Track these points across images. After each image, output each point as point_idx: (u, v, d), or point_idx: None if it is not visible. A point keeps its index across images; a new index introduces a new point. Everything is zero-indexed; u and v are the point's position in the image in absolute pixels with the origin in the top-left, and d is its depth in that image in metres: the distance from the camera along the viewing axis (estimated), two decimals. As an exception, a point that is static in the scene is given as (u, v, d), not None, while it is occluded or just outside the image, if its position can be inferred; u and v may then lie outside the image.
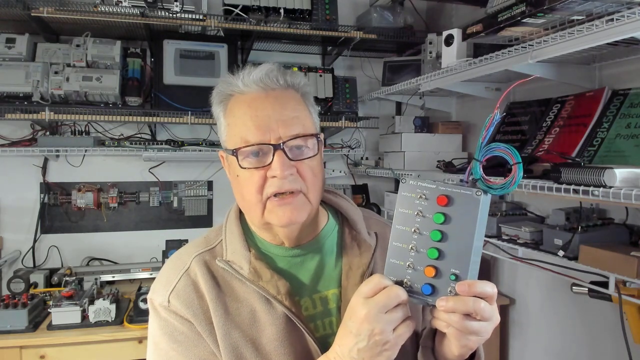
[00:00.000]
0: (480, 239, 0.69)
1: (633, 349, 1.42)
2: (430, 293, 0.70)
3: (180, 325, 0.82)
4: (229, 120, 0.84)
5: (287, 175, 0.79)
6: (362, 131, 2.81)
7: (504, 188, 0.67)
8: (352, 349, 0.69)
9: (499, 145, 0.67)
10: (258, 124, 0.80)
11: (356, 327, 0.68)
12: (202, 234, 0.94)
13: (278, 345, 0.80)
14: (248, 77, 0.83)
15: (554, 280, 1.90)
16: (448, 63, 1.89)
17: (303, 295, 0.87)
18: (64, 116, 2.19)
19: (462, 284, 0.67)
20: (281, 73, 0.85)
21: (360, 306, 0.69)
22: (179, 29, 2.39)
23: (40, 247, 2.46)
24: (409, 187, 0.73)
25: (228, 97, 0.85)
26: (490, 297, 0.68)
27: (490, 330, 0.70)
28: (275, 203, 0.80)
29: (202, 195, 2.67)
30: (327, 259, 0.91)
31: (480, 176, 0.69)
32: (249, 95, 0.83)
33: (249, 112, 0.81)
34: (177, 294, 0.83)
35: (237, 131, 0.82)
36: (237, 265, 0.84)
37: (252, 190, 0.81)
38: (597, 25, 1.20)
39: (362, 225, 0.94)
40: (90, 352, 1.89)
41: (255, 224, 0.88)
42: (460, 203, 0.69)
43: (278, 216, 0.81)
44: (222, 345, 0.80)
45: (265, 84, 0.83)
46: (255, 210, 0.82)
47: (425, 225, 0.71)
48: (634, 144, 1.43)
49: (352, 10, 2.78)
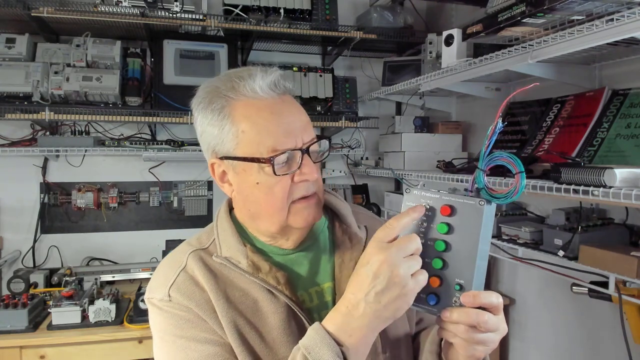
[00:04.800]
0: (485, 248, 0.69)
1: (633, 349, 1.42)
2: (435, 303, 0.70)
3: (185, 314, 0.81)
4: (244, 127, 0.80)
5: (317, 178, 0.83)
6: (362, 131, 2.81)
7: (507, 197, 0.67)
8: (370, 293, 0.67)
9: (502, 154, 0.68)
10: (286, 130, 0.80)
11: (374, 270, 0.67)
12: (194, 235, 0.94)
13: (281, 333, 0.81)
14: (262, 82, 0.81)
15: (554, 280, 1.90)
16: (448, 63, 1.89)
17: (300, 289, 0.88)
18: (64, 116, 2.19)
19: (467, 295, 0.67)
20: (283, 78, 0.85)
21: (378, 250, 0.68)
22: (179, 29, 2.39)
23: (40, 247, 2.46)
24: (413, 197, 0.74)
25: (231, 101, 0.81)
26: (496, 308, 0.68)
27: (497, 340, 0.70)
28: (301, 206, 0.83)
29: (202, 195, 2.67)
30: (320, 254, 0.92)
31: (484, 185, 0.69)
32: (267, 101, 0.81)
33: (273, 118, 0.80)
34: (177, 287, 0.83)
35: (260, 138, 0.79)
36: (235, 260, 0.85)
37: (280, 196, 0.81)
38: (597, 25, 1.20)
39: (351, 219, 0.96)
40: (90, 352, 1.89)
41: (269, 231, 0.87)
42: (463, 213, 0.69)
43: (303, 217, 0.83)
44: (228, 332, 0.80)
45: (278, 89, 0.83)
46: (279, 216, 0.83)
47: (429, 235, 0.71)
48: (634, 144, 1.43)
49: (352, 10, 2.78)
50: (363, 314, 0.68)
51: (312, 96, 2.47)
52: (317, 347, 0.69)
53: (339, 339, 0.69)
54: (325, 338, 0.69)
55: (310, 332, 0.72)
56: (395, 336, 0.90)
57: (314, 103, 2.49)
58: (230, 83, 0.82)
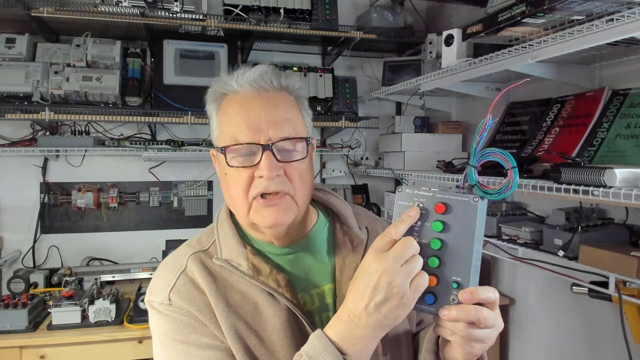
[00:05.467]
0: (479, 244, 0.69)
1: (633, 349, 1.42)
2: (433, 302, 0.70)
3: (185, 318, 0.81)
4: (221, 119, 0.85)
5: (273, 176, 0.80)
6: (362, 131, 2.81)
7: (500, 193, 0.67)
8: (369, 304, 0.67)
9: (494, 150, 0.67)
10: (249, 123, 0.80)
11: (374, 281, 0.67)
12: (194, 236, 0.94)
13: (281, 337, 0.81)
14: (242, 77, 0.84)
15: (554, 280, 1.90)
16: (448, 63, 1.89)
17: (301, 291, 0.87)
18: (64, 116, 2.19)
19: (464, 291, 0.67)
20: (275, 75, 0.85)
21: (376, 260, 0.68)
22: (179, 29, 2.39)
23: (40, 247, 2.46)
24: (405, 195, 0.73)
25: (222, 96, 0.86)
26: (493, 303, 0.69)
27: (494, 337, 0.70)
28: (261, 204, 0.81)
29: (202, 195, 2.67)
30: (320, 255, 0.91)
31: (476, 182, 0.68)
32: (242, 95, 0.84)
33: (240, 111, 0.82)
34: (177, 291, 0.82)
35: (228, 130, 0.83)
36: (235, 262, 0.85)
37: (238, 190, 0.81)
38: (597, 25, 1.20)
39: (352, 220, 0.95)
40: (90, 352, 1.89)
41: (242, 223, 0.89)
42: (458, 210, 0.69)
43: (263, 217, 0.81)
44: (228, 336, 0.80)
45: (259, 85, 0.84)
46: (241, 210, 0.83)
47: (424, 234, 0.70)
48: (634, 144, 1.43)
49: (352, 10, 2.78)
50: (365, 324, 0.68)
51: (312, 96, 2.48)
52: (320, 355, 0.69)
53: (342, 348, 0.69)
54: (329, 347, 0.69)
55: (312, 339, 0.72)
56: (395, 337, 0.90)
57: (314, 103, 2.49)
58: (224, 78, 0.86)
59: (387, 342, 0.87)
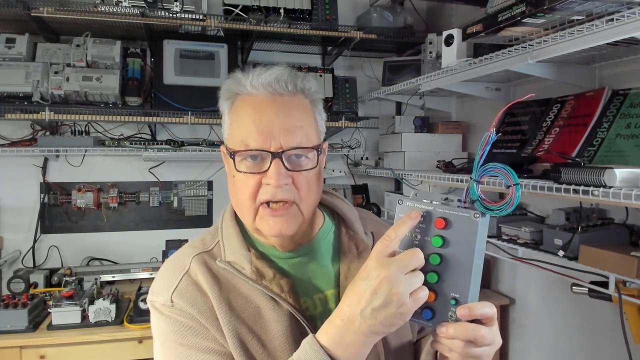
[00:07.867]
0: (480, 259, 0.68)
1: (633, 349, 1.42)
2: (431, 318, 0.69)
3: (187, 320, 0.81)
4: (233, 119, 0.83)
5: (281, 185, 0.78)
6: (362, 131, 2.81)
7: (502, 210, 0.66)
8: (366, 309, 0.66)
9: (496, 166, 0.66)
10: (261, 128, 0.79)
11: (373, 286, 0.65)
12: (198, 236, 0.93)
13: (283, 342, 0.80)
14: (257, 80, 0.81)
15: (554, 280, 1.90)
16: (448, 63, 1.89)
17: (304, 295, 0.86)
18: (64, 116, 2.19)
19: (462, 308, 0.67)
20: (291, 77, 0.83)
21: (378, 265, 0.67)
22: (179, 29, 2.39)
23: (40, 247, 2.46)
24: (406, 208, 0.72)
25: (235, 95, 0.84)
26: (490, 319, 0.68)
27: (492, 354, 0.70)
28: (267, 212, 0.80)
29: (202, 195, 2.67)
30: (325, 260, 0.90)
31: (478, 197, 0.67)
32: (256, 98, 0.81)
33: (252, 115, 0.80)
34: (180, 293, 0.82)
35: (238, 132, 0.81)
36: (239, 265, 0.84)
37: (245, 195, 0.80)
38: (597, 25, 1.20)
39: (358, 225, 0.94)
40: (90, 352, 1.89)
41: (247, 226, 0.88)
42: (458, 226, 0.68)
43: (269, 225, 0.81)
44: (229, 340, 0.79)
45: (274, 89, 0.81)
46: (247, 215, 0.82)
47: (424, 249, 0.69)
48: (634, 144, 1.43)
49: (352, 10, 2.78)
50: (358, 329, 0.67)
51: (312, 96, 2.48)
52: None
53: (334, 354, 0.69)
54: (319, 353, 0.68)
55: (304, 345, 0.71)
56: (398, 346, 0.89)
57: (314, 103, 2.49)
58: (239, 77, 0.84)
59: (389, 350, 0.86)
